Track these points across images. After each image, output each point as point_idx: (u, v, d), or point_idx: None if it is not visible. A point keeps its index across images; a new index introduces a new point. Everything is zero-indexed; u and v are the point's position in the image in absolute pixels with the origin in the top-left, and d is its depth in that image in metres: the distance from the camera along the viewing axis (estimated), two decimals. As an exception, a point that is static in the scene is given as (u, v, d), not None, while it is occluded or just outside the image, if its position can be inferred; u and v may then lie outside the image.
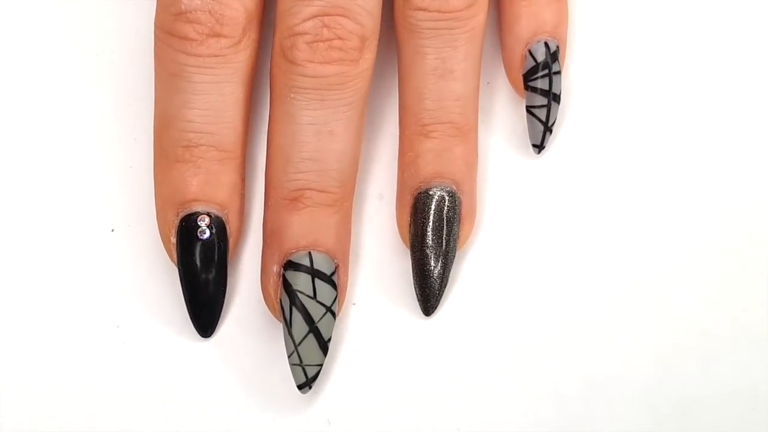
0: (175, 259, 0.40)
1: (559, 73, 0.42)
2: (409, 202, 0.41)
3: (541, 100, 0.42)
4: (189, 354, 0.41)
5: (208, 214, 0.40)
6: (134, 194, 0.42)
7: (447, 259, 0.41)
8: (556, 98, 0.42)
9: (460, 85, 0.41)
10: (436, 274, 0.41)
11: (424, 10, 0.40)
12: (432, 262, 0.41)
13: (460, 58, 0.41)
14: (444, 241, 0.41)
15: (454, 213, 0.41)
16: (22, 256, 0.41)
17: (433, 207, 0.41)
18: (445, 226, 0.41)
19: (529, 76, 0.42)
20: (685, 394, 0.40)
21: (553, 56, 0.42)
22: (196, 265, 0.40)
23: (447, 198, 0.41)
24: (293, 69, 0.39)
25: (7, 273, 0.41)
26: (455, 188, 0.41)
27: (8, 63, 0.43)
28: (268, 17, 0.40)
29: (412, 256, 0.41)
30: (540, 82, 0.42)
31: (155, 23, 0.40)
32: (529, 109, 0.42)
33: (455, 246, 0.41)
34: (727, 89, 0.44)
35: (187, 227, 0.40)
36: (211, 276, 0.40)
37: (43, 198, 0.42)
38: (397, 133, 0.42)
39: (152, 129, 0.40)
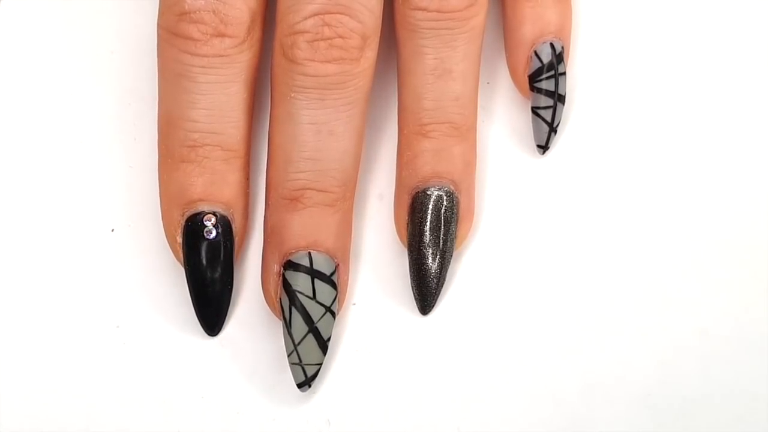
0: (181, 259, 0.40)
1: (564, 74, 0.42)
2: (406, 201, 0.41)
3: (546, 101, 0.42)
4: (188, 354, 0.41)
5: (214, 214, 0.40)
6: (134, 194, 0.42)
7: (444, 259, 0.41)
8: (562, 99, 0.42)
9: (459, 85, 0.41)
10: (433, 273, 0.41)
11: (424, 9, 0.40)
12: (429, 261, 0.41)
13: (458, 58, 0.41)
14: (441, 240, 0.40)
15: (452, 213, 0.41)
16: (22, 256, 0.41)
17: (430, 206, 0.41)
18: (442, 226, 0.41)
19: (534, 77, 0.42)
20: (685, 394, 0.41)
21: (559, 57, 0.42)
22: (203, 264, 0.39)
23: (445, 198, 0.41)
24: (294, 68, 0.39)
25: (7, 273, 0.41)
26: (453, 188, 0.41)
27: (8, 63, 0.43)
28: (271, 16, 0.40)
29: (409, 255, 0.41)
30: (545, 83, 0.42)
31: (159, 23, 0.39)
32: (535, 110, 0.42)
33: (452, 245, 0.41)
34: (731, 90, 0.44)
35: (193, 227, 0.39)
36: (217, 275, 0.40)
37: (44, 198, 0.42)
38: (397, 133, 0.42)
39: (153, 129, 0.40)
